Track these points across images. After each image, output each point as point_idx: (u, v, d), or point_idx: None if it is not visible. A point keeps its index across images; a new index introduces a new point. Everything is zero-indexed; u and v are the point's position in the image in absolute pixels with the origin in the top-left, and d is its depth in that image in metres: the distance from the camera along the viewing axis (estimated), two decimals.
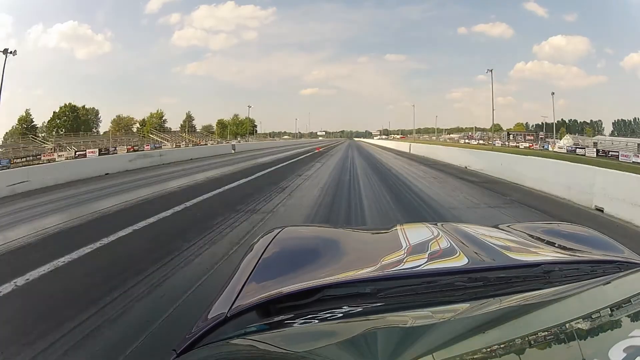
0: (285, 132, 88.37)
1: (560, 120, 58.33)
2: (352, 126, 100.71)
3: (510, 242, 0.99)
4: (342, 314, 0.66)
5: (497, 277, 0.75)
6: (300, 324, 0.65)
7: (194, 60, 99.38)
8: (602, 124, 55.30)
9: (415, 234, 1.09)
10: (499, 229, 1.19)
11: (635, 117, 53.34)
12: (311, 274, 0.81)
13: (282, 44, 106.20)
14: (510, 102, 79.52)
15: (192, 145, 42.19)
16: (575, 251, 0.97)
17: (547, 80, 76.23)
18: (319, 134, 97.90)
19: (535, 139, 49.25)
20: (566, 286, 0.72)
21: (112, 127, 52.02)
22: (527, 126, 64.22)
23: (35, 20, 64.87)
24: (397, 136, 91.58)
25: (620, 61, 72.29)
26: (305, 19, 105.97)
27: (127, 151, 29.97)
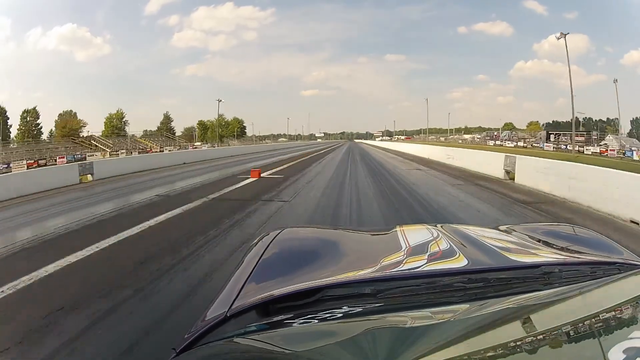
0: (284, 134, 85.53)
1: (574, 117, 52.89)
2: (353, 127, 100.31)
3: (510, 244, 0.99)
4: (341, 314, 0.66)
5: (496, 278, 0.75)
6: (300, 324, 0.64)
7: (193, 61, 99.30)
8: (619, 122, 46.71)
9: (415, 235, 1.08)
10: (499, 230, 1.17)
11: None
12: (311, 275, 0.80)
13: (281, 44, 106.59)
14: (510, 101, 79.23)
15: (138, 152, 33.86)
16: (575, 252, 0.96)
17: (548, 78, 75.94)
18: (317, 135, 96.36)
19: (587, 140, 36.87)
20: (566, 287, 0.72)
21: (57, 131, 42.44)
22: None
23: (34, 22, 64.54)
24: (401, 137, 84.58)
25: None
26: (304, 20, 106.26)
27: (27, 167, 20.62)
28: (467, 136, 66.48)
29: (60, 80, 71.32)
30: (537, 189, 8.67)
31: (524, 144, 42.91)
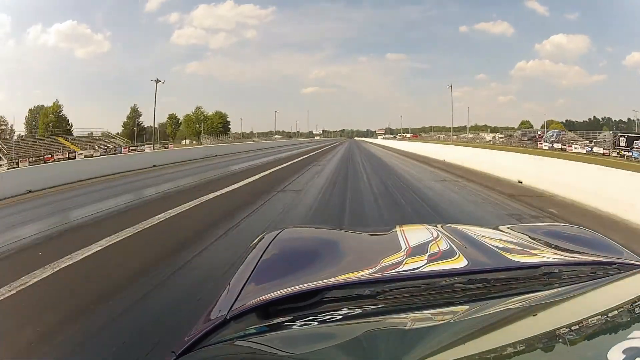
0: (283, 131, 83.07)
1: (592, 118, 49.87)
2: (353, 125, 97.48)
3: (509, 244, 0.98)
4: (341, 316, 0.66)
5: (496, 278, 0.75)
6: (299, 326, 0.64)
7: (194, 59, 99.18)
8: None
9: (414, 235, 1.07)
10: (498, 230, 1.17)
11: None
12: (311, 276, 0.80)
13: (281, 43, 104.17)
14: (511, 101, 76.58)
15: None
16: (575, 253, 0.95)
17: (549, 79, 74.24)
18: (315, 133, 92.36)
19: None
20: (566, 288, 0.72)
21: None
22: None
23: (34, 19, 63.22)
24: (407, 135, 76.27)
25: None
26: (305, 18, 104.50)
27: None
28: (486, 135, 58.45)
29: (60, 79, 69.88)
30: None
31: (603, 150, 28.56)
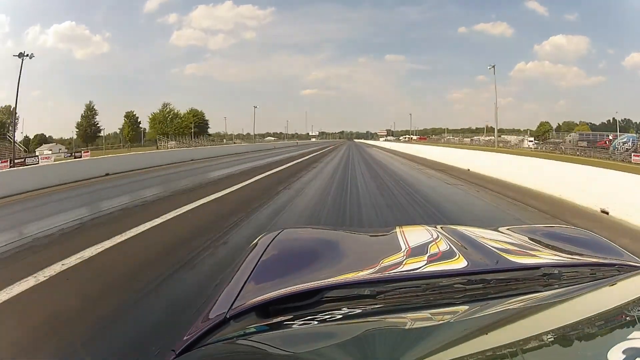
0: (280, 133, 79.86)
1: (610, 120, 45.59)
2: (352, 127, 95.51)
3: (509, 245, 0.98)
4: (341, 316, 0.66)
5: (496, 279, 0.75)
6: (299, 325, 0.64)
7: (193, 60, 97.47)
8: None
9: (414, 236, 1.07)
10: (498, 231, 1.17)
11: None
12: (311, 276, 0.80)
13: (281, 44, 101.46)
14: (510, 103, 74.03)
15: None
16: (574, 254, 0.95)
17: (548, 80, 71.74)
18: (311, 134, 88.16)
19: None
20: (565, 289, 0.72)
21: None
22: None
23: (33, 21, 60.28)
24: (413, 137, 68.59)
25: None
26: (304, 19, 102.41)
27: None
28: (509, 137, 51.24)
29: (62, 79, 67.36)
30: None
31: None
